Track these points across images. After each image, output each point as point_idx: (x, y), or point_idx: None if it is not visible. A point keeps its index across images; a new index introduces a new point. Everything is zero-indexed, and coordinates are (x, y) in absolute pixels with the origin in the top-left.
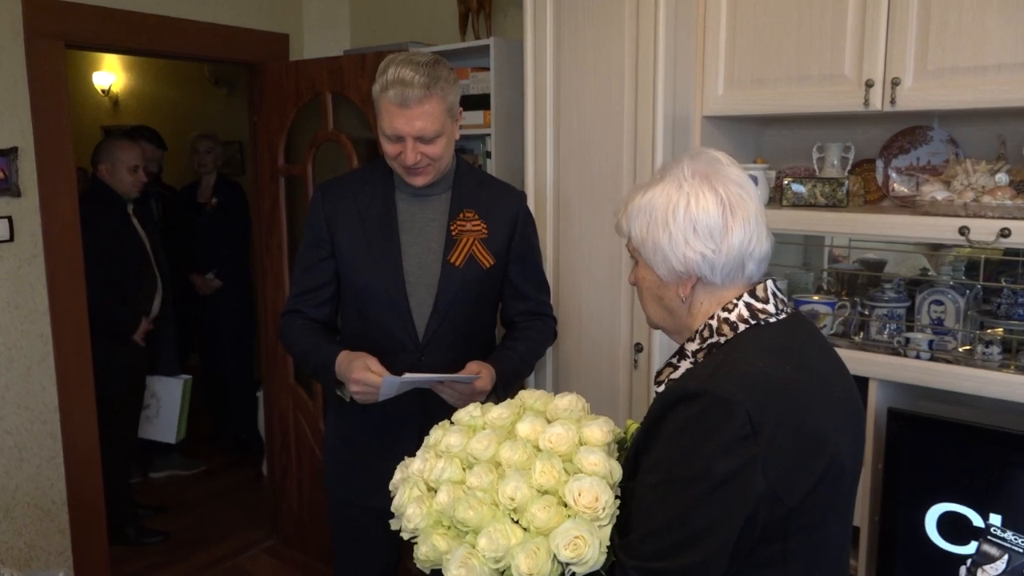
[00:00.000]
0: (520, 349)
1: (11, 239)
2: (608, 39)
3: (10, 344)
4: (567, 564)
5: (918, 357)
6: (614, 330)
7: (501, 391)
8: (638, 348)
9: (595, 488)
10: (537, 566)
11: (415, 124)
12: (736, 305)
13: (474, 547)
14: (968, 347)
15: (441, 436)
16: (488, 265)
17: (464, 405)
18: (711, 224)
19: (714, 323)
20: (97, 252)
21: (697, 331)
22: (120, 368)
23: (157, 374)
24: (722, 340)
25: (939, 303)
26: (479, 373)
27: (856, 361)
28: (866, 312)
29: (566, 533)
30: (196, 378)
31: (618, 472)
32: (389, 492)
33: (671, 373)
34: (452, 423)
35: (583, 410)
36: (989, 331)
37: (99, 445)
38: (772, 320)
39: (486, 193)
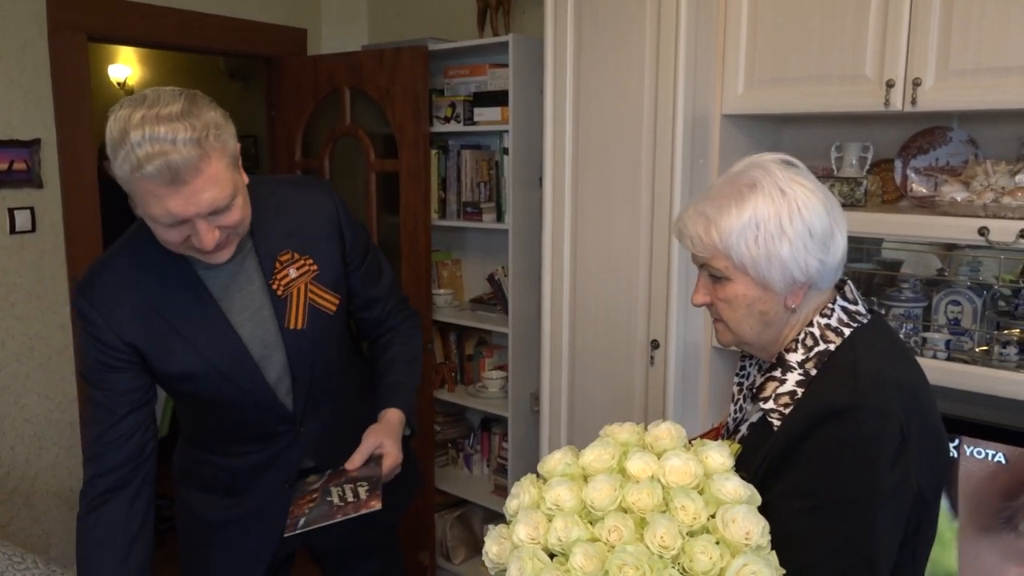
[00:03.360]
0: (405, 376)
1: (33, 230)
2: (629, 37)
3: (31, 334)
4: None
5: (935, 357)
6: (630, 327)
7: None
8: (655, 345)
9: (749, 517)
10: None
11: (202, 199)
12: (833, 310)
13: None
14: (985, 347)
15: (537, 493)
16: (335, 307)
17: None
18: (823, 228)
19: (815, 331)
20: None
21: (796, 340)
22: None
23: None
24: (831, 347)
25: (956, 303)
26: (378, 476)
27: None
28: (883, 312)
29: (746, 570)
30: None
31: (756, 496)
32: None
33: (778, 387)
34: (540, 476)
35: (681, 437)
36: (1006, 332)
37: None
38: (865, 321)
39: (291, 216)
